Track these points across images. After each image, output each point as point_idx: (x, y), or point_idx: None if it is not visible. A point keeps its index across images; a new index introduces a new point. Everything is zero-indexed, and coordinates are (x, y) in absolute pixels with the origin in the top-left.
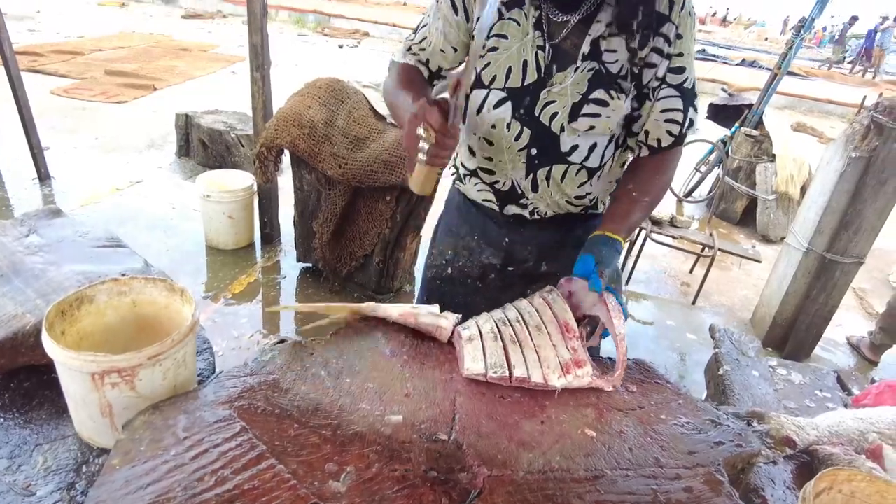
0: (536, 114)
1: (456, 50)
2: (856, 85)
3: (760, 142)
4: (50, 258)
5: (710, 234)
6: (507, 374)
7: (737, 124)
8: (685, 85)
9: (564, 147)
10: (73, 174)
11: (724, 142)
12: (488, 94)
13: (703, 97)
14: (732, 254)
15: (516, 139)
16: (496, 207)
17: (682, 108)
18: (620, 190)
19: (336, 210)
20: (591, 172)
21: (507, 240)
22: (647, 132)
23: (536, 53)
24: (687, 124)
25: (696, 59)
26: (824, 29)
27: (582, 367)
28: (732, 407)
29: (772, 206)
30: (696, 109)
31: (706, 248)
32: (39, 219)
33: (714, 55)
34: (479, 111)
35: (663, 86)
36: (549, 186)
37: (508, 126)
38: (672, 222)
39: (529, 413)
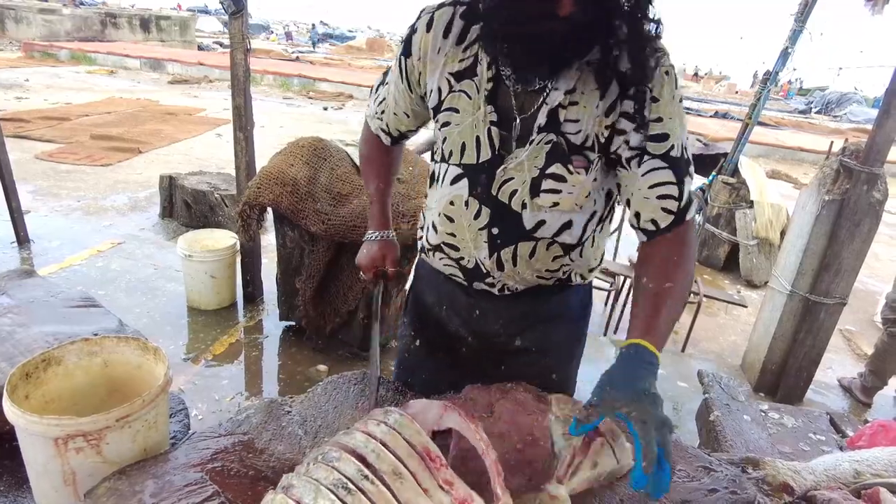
0: (494, 192)
1: (408, 116)
2: (823, 133)
3: (738, 189)
4: (19, 319)
5: (695, 281)
6: None
7: (714, 172)
8: (672, 153)
9: (528, 224)
10: (54, 237)
11: (702, 189)
12: (447, 168)
13: None
14: (718, 300)
15: (475, 217)
16: (463, 282)
17: (674, 180)
18: (636, 287)
19: (319, 266)
20: (568, 248)
21: (476, 311)
22: (637, 214)
23: (489, 129)
24: (685, 199)
25: None
26: (790, 82)
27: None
28: (726, 453)
29: (753, 251)
30: (691, 178)
31: (692, 295)
32: (10, 279)
33: (688, 108)
34: (440, 185)
35: (645, 156)
36: (515, 266)
37: (466, 204)
38: None
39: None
